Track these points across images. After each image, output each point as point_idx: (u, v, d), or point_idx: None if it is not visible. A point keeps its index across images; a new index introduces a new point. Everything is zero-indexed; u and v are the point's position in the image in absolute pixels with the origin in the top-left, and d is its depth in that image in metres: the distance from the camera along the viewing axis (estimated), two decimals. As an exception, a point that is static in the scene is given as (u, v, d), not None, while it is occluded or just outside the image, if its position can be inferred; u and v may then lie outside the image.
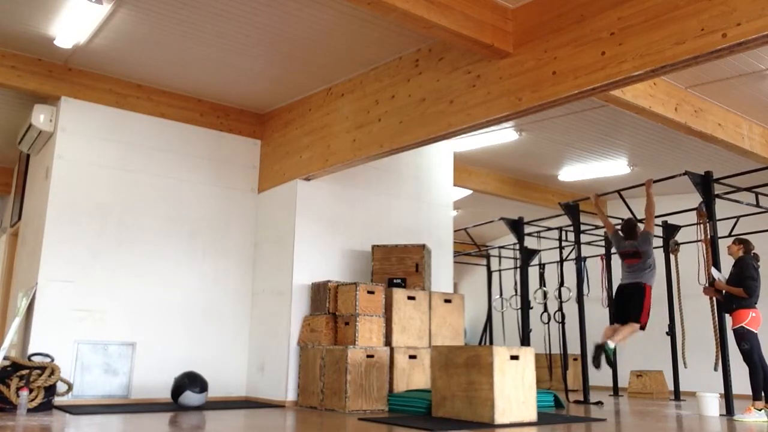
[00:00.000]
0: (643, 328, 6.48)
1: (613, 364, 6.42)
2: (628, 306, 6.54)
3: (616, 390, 9.47)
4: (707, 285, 6.71)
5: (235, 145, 7.48)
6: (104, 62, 6.40)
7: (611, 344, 6.29)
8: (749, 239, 6.61)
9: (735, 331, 6.21)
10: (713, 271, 6.65)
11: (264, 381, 6.84)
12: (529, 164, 9.65)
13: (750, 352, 6.09)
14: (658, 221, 8.98)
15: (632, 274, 6.61)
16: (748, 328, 6.13)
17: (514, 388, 5.19)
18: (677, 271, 8.51)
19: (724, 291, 6.42)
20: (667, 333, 8.85)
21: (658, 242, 9.20)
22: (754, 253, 6.51)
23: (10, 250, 8.26)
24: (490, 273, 12.35)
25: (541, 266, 10.34)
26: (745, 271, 6.27)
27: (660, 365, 9.68)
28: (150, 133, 6.93)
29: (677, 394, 8.76)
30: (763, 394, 6.12)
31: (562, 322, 8.90)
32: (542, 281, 10.24)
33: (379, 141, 5.97)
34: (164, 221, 6.88)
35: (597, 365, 6.44)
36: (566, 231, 9.48)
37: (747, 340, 6.10)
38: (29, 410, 5.41)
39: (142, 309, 6.61)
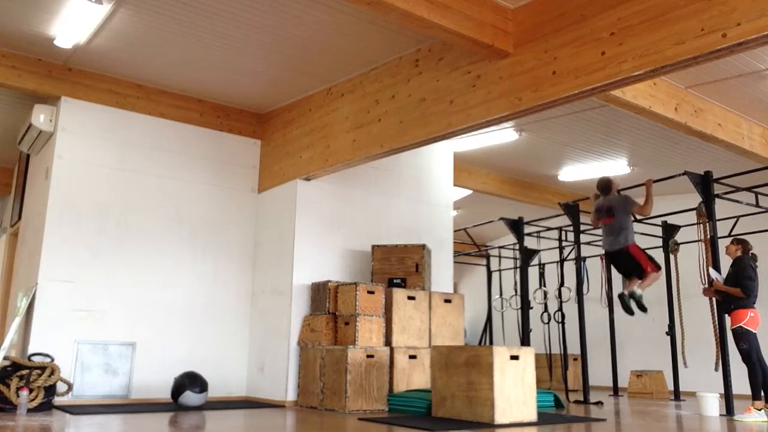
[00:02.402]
0: (657, 270, 6.45)
1: (645, 308, 6.38)
2: (626, 269, 6.57)
3: (616, 390, 9.47)
4: (707, 286, 6.72)
5: (235, 145, 7.48)
6: (104, 62, 6.40)
7: (638, 291, 6.28)
8: (747, 239, 6.61)
9: (733, 331, 6.22)
10: (711, 271, 6.65)
11: (264, 381, 6.84)
12: (529, 164, 9.65)
13: (749, 352, 6.09)
14: (658, 221, 8.99)
15: (610, 237, 6.58)
16: (746, 328, 6.14)
17: (514, 388, 5.19)
18: (677, 271, 8.52)
19: (723, 291, 6.42)
20: (667, 333, 8.85)
21: (657, 242, 9.22)
22: (752, 254, 6.51)
23: (10, 250, 8.26)
24: (490, 273, 12.35)
25: (541, 266, 10.34)
26: (742, 271, 6.27)
27: (660, 365, 9.68)
28: (150, 133, 6.93)
29: (677, 394, 8.76)
30: (762, 394, 6.13)
31: (562, 322, 8.90)
32: (542, 281, 10.25)
33: (379, 141, 5.97)
34: (164, 221, 6.88)
35: (630, 312, 6.44)
36: (566, 231, 9.48)
37: (745, 341, 6.11)
38: (29, 410, 5.41)
39: (142, 309, 6.61)
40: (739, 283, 6.24)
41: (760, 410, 5.99)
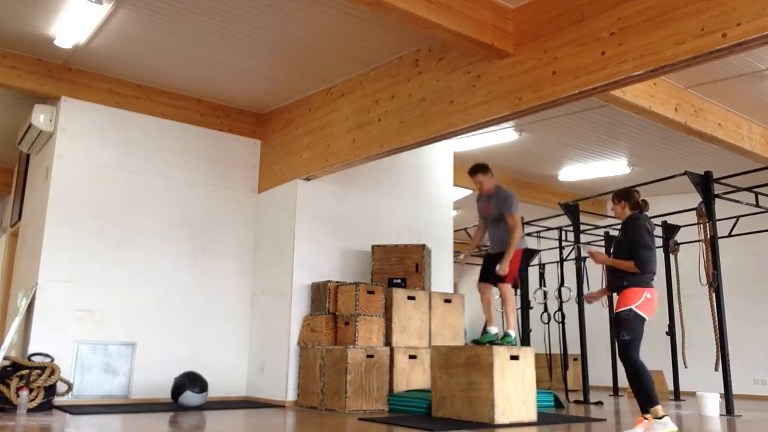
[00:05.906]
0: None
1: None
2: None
3: (616, 390, 9.47)
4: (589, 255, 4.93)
5: (235, 145, 7.48)
6: (104, 62, 6.40)
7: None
8: (632, 190, 4.80)
9: (619, 315, 4.46)
10: (583, 248, 5.21)
11: (264, 381, 6.84)
12: (529, 164, 9.64)
13: (627, 345, 4.40)
14: (658, 221, 8.98)
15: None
16: (637, 312, 4.41)
17: (514, 388, 5.19)
18: (677, 271, 8.51)
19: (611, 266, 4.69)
20: (667, 333, 8.85)
21: (658, 242, 9.19)
22: (643, 201, 4.75)
23: (10, 250, 8.26)
24: (490, 273, 12.32)
25: (541, 266, 10.34)
26: (636, 237, 4.51)
27: (660, 365, 9.66)
28: (150, 133, 6.93)
29: (677, 394, 8.76)
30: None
31: (562, 322, 8.89)
32: (542, 281, 10.24)
33: (379, 141, 5.97)
34: (164, 221, 6.88)
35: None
36: (566, 231, 9.47)
37: (631, 329, 4.40)
38: (29, 410, 5.41)
39: (142, 309, 6.61)
40: (633, 253, 4.48)
41: (662, 417, 4.39)
